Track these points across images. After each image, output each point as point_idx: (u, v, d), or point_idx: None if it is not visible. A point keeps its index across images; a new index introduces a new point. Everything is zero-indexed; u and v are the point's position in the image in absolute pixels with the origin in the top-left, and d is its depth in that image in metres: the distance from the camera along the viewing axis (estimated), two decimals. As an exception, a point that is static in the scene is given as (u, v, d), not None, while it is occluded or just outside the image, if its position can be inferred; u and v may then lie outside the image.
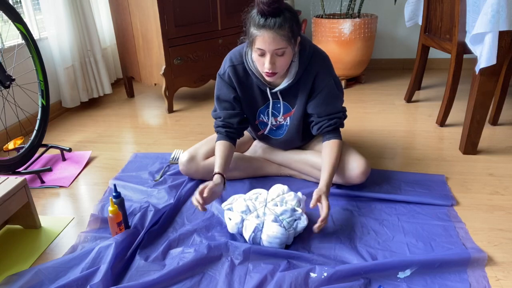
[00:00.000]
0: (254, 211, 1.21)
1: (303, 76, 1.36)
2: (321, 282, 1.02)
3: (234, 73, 1.39)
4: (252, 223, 1.16)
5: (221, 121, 1.42)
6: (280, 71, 1.28)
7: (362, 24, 2.55)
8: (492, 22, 1.43)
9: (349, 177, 1.41)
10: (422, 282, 1.03)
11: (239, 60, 1.39)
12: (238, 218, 1.20)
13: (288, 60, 1.27)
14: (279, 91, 1.38)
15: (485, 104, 1.63)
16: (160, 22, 2.22)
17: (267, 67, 1.24)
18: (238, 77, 1.40)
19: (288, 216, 1.18)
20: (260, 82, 1.37)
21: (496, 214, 1.31)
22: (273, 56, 1.23)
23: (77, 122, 2.37)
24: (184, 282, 1.07)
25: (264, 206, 1.21)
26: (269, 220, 1.16)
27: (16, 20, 1.71)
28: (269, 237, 1.15)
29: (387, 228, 1.25)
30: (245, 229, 1.18)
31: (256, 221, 1.17)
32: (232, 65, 1.39)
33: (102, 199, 1.51)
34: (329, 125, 1.38)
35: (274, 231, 1.14)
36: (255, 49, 1.25)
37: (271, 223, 1.16)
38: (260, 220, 1.17)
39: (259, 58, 1.26)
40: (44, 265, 1.13)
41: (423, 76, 2.52)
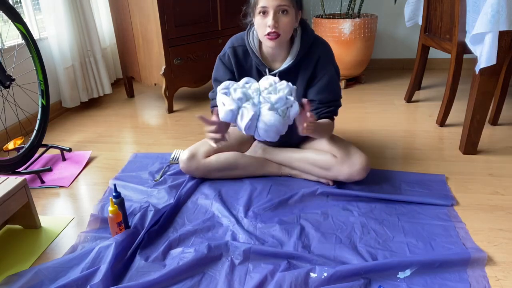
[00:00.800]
0: (250, 99, 1.17)
1: (304, 60, 1.37)
2: (321, 282, 1.02)
3: (233, 54, 1.42)
4: (249, 111, 1.14)
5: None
6: (283, 35, 1.29)
7: (362, 24, 2.55)
8: (492, 22, 1.43)
9: (350, 172, 1.42)
10: (422, 282, 1.03)
11: (240, 42, 1.42)
12: (233, 105, 1.16)
13: (291, 23, 1.28)
14: (278, 73, 1.38)
15: (485, 104, 1.63)
16: (160, 22, 2.22)
17: (270, 24, 1.25)
18: (237, 58, 1.43)
19: (282, 104, 1.16)
20: (260, 62, 1.39)
21: (496, 214, 1.31)
22: (276, 14, 1.25)
23: (77, 122, 2.37)
24: (184, 282, 1.07)
25: (258, 95, 1.18)
26: (265, 108, 1.15)
27: (16, 20, 1.71)
28: (266, 125, 1.14)
29: (387, 228, 1.25)
30: (241, 116, 1.16)
31: (253, 109, 1.15)
32: (232, 46, 1.43)
33: (102, 199, 1.51)
34: (327, 111, 1.41)
35: (271, 119, 1.13)
36: (258, 10, 1.27)
37: (267, 111, 1.14)
38: (257, 108, 1.16)
39: (261, 20, 1.28)
40: (44, 265, 1.13)
41: (423, 76, 2.52)
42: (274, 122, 1.14)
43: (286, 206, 1.40)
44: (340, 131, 2.01)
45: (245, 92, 1.18)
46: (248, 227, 1.29)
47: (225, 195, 1.48)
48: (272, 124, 1.14)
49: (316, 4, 2.97)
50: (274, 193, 1.47)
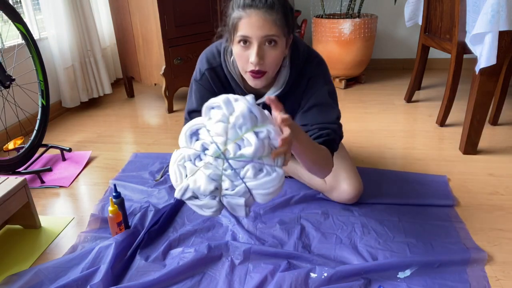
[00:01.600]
0: (225, 179, 0.85)
1: (293, 88, 1.15)
2: (321, 282, 1.02)
3: (215, 77, 1.16)
4: (238, 200, 0.85)
5: None
6: (270, 72, 1.04)
7: (362, 24, 2.55)
8: (492, 22, 1.43)
9: (339, 199, 1.36)
10: (422, 282, 1.03)
11: (218, 60, 1.15)
12: (213, 204, 0.87)
13: (280, 56, 1.03)
14: (262, 104, 1.12)
15: (485, 104, 1.63)
16: (160, 22, 2.22)
17: (254, 61, 0.99)
18: (221, 81, 1.16)
19: (265, 154, 0.83)
20: (240, 89, 1.15)
21: (496, 214, 1.31)
22: (261, 47, 0.99)
23: (77, 122, 2.37)
24: (184, 282, 1.07)
25: (224, 162, 0.84)
26: (250, 178, 0.84)
27: (16, 20, 1.71)
28: (268, 195, 0.86)
29: (388, 228, 1.25)
30: (233, 210, 0.88)
31: (239, 195, 0.85)
32: (211, 67, 1.16)
33: (102, 199, 1.51)
34: (320, 135, 1.08)
35: (269, 186, 0.84)
36: (238, 39, 1.00)
37: (256, 181, 0.84)
38: (241, 188, 0.85)
39: (242, 52, 1.01)
40: (44, 265, 1.13)
41: (423, 76, 2.52)
42: (273, 187, 0.85)
43: (287, 206, 1.39)
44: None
45: (211, 175, 0.84)
46: (248, 227, 1.29)
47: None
48: (273, 190, 0.85)
49: (316, 4, 2.97)
50: (274, 193, 1.47)
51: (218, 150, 0.84)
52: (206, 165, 0.85)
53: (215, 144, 0.84)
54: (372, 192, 1.43)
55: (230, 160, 0.84)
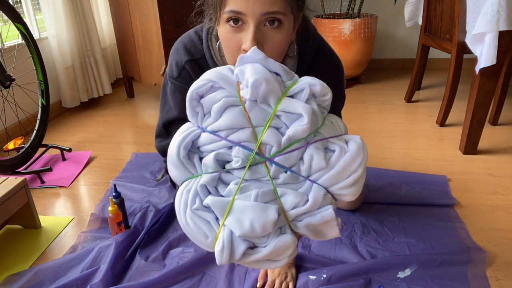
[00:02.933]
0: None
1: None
2: (321, 283, 1.02)
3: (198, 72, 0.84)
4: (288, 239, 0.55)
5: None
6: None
7: (362, 24, 2.55)
8: (492, 22, 1.43)
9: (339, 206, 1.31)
10: (422, 282, 1.03)
11: (200, 49, 0.87)
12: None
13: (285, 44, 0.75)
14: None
15: (485, 104, 1.63)
16: (160, 22, 2.22)
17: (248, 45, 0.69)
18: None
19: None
20: None
21: (496, 214, 1.31)
22: (259, 29, 0.70)
23: (77, 122, 2.37)
24: (184, 282, 1.07)
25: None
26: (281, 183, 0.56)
27: (16, 20, 1.71)
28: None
29: (388, 228, 1.25)
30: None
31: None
32: (192, 59, 0.88)
33: (102, 199, 1.51)
34: None
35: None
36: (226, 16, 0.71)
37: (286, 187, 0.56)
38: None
39: (231, 35, 0.72)
40: (44, 265, 1.13)
41: (423, 76, 2.52)
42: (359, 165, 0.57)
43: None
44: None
45: (263, 196, 0.53)
46: (248, 227, 1.29)
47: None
48: (359, 174, 0.57)
49: (316, 4, 2.97)
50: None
51: (250, 152, 0.53)
52: (242, 185, 0.53)
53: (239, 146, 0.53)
54: (372, 192, 1.43)
55: (276, 158, 0.53)
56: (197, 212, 0.53)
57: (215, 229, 0.52)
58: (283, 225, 0.52)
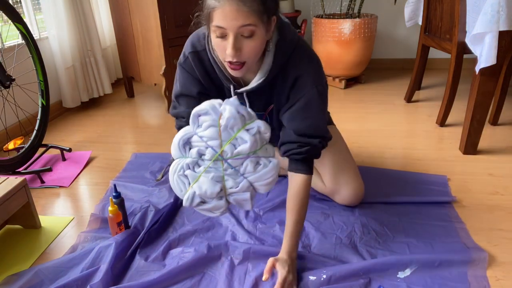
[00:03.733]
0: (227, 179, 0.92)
1: (279, 78, 1.06)
2: (321, 283, 1.02)
3: (198, 61, 1.09)
4: (244, 195, 0.93)
5: (186, 123, 1.05)
6: (249, 62, 0.97)
7: (362, 24, 2.55)
8: (492, 22, 1.43)
9: (340, 201, 1.35)
10: (422, 282, 1.03)
11: (203, 44, 1.08)
12: (220, 204, 0.93)
13: (259, 46, 0.96)
14: (245, 92, 1.08)
15: (485, 104, 1.63)
16: (160, 22, 2.22)
17: (230, 54, 0.93)
18: (204, 66, 1.10)
19: (257, 146, 0.91)
20: (223, 76, 1.07)
21: (496, 214, 1.31)
22: (237, 38, 0.92)
23: (77, 122, 2.37)
24: (184, 282, 1.07)
25: (223, 162, 0.91)
26: (250, 172, 0.91)
27: (16, 20, 1.71)
28: (269, 184, 0.94)
29: (388, 228, 1.25)
30: (240, 205, 0.96)
31: (243, 190, 0.92)
32: (195, 51, 1.09)
33: (103, 199, 1.51)
34: (299, 152, 1.06)
35: (268, 176, 0.92)
36: (214, 29, 0.93)
37: (255, 175, 0.92)
38: (244, 183, 0.92)
39: (219, 42, 0.95)
40: (44, 265, 1.13)
41: (423, 76, 2.52)
42: (271, 175, 0.92)
43: (286, 206, 1.39)
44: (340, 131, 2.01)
45: (214, 177, 0.90)
46: (248, 227, 1.29)
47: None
48: (272, 178, 0.93)
49: (316, 4, 2.97)
50: (274, 193, 1.47)
51: (215, 153, 0.90)
52: (207, 169, 0.91)
53: (211, 148, 0.90)
54: (372, 192, 1.43)
55: (228, 160, 0.91)
56: (179, 177, 0.92)
57: (187, 188, 0.92)
58: (222, 195, 0.93)
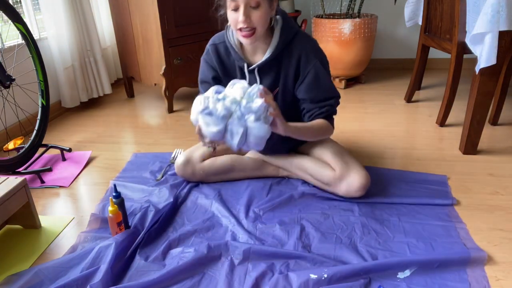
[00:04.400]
0: (233, 114, 1.14)
1: (285, 53, 1.32)
2: (321, 282, 1.02)
3: (215, 51, 1.40)
4: (238, 129, 1.12)
5: None
6: (258, 30, 1.23)
7: (362, 24, 2.55)
8: (492, 22, 1.43)
9: (348, 190, 1.37)
10: (422, 282, 1.03)
11: (221, 39, 1.39)
12: (219, 125, 1.13)
13: (264, 16, 1.22)
14: (257, 68, 1.34)
15: (485, 104, 1.63)
16: (160, 22, 2.22)
17: (241, 20, 1.19)
18: (219, 55, 1.40)
19: (263, 111, 1.13)
20: (238, 57, 1.35)
21: (496, 214, 1.31)
22: (247, 8, 1.19)
23: (77, 122, 2.37)
24: (184, 282, 1.07)
25: (239, 107, 1.14)
26: (251, 120, 1.12)
27: (16, 20, 1.71)
28: (257, 138, 1.13)
29: (388, 228, 1.25)
30: (231, 135, 1.14)
31: (241, 126, 1.13)
32: (214, 44, 1.41)
33: (103, 198, 1.51)
34: (321, 113, 1.34)
35: (260, 131, 1.13)
36: (229, 4, 1.21)
37: (254, 123, 1.12)
38: (243, 122, 1.13)
39: (233, 15, 1.22)
40: (44, 265, 1.13)
41: (423, 76, 2.52)
42: (263, 133, 1.13)
43: (287, 206, 1.39)
44: (340, 131, 2.01)
45: (227, 107, 1.14)
46: (248, 227, 1.29)
47: (225, 195, 1.47)
48: (262, 135, 1.14)
49: (316, 4, 2.97)
50: (274, 193, 1.47)
51: (236, 99, 1.14)
52: (224, 103, 1.13)
53: (234, 97, 1.14)
54: (372, 192, 1.43)
55: (241, 107, 1.13)
56: (204, 98, 1.16)
57: (205, 104, 1.16)
58: (225, 121, 1.15)
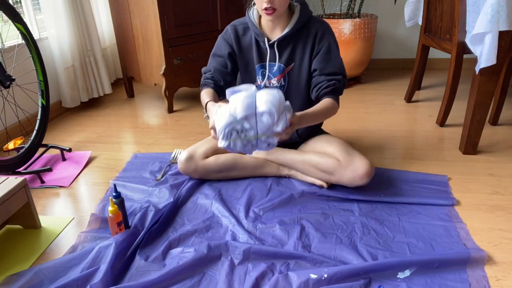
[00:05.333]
0: (249, 143, 1.15)
1: (302, 31, 1.43)
2: (321, 282, 1.02)
3: (234, 31, 1.49)
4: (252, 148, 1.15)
5: (211, 74, 1.47)
6: (278, 8, 1.33)
7: (362, 24, 2.55)
8: (492, 22, 1.43)
9: (353, 177, 1.38)
10: (422, 282, 1.03)
11: (241, 21, 1.50)
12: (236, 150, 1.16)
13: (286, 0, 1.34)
14: (277, 42, 1.43)
15: (485, 104, 1.63)
16: (160, 22, 2.22)
17: (266, 0, 1.30)
18: (237, 35, 1.49)
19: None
20: (259, 32, 1.44)
21: (496, 214, 1.31)
22: None
23: (77, 122, 2.37)
24: (184, 282, 1.07)
25: (255, 140, 1.15)
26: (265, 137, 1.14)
27: (16, 20, 1.71)
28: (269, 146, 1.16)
29: (388, 228, 1.25)
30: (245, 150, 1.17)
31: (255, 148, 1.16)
32: (233, 24, 1.50)
33: (103, 198, 1.51)
34: (328, 86, 1.39)
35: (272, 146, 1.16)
36: None
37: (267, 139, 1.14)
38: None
39: None
40: (44, 265, 1.13)
41: (423, 76, 2.52)
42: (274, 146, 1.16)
43: (287, 206, 1.40)
44: (341, 131, 2.01)
45: (245, 142, 1.14)
46: (248, 227, 1.29)
47: (225, 195, 1.47)
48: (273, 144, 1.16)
49: (316, 4, 2.97)
50: (274, 193, 1.47)
51: (255, 136, 1.13)
52: (243, 139, 1.13)
53: (254, 134, 1.12)
54: (372, 192, 1.43)
55: (259, 141, 1.14)
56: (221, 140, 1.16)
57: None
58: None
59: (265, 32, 1.46)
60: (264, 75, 1.49)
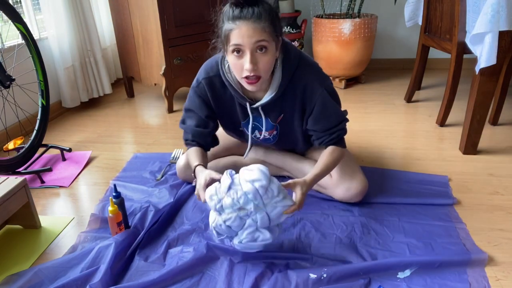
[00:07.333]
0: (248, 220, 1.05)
1: (288, 89, 1.21)
2: (320, 282, 1.02)
3: (209, 86, 1.24)
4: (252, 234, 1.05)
5: (191, 138, 1.30)
6: (264, 75, 1.11)
7: (362, 24, 2.55)
8: (492, 22, 1.43)
9: (344, 196, 1.35)
10: (422, 282, 1.03)
11: (215, 70, 1.23)
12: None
13: (271, 61, 1.10)
14: (260, 106, 1.22)
15: (485, 104, 1.63)
16: (160, 22, 2.22)
17: (248, 68, 1.06)
18: (214, 91, 1.26)
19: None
20: (239, 95, 1.22)
21: (496, 214, 1.31)
22: (253, 54, 1.05)
23: (77, 122, 2.37)
24: (184, 282, 1.07)
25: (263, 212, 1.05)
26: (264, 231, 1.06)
27: (16, 20, 1.71)
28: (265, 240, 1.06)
29: (388, 228, 1.25)
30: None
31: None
32: (208, 76, 1.24)
33: (103, 198, 1.51)
34: (332, 139, 1.24)
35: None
36: (231, 48, 1.07)
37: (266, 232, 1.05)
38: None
39: (236, 60, 1.08)
40: (44, 265, 1.13)
41: (423, 76, 2.52)
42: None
43: (286, 206, 1.39)
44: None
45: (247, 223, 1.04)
46: (248, 227, 1.29)
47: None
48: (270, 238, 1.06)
49: (316, 4, 2.97)
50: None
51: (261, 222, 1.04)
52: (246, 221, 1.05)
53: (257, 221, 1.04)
54: (372, 192, 1.43)
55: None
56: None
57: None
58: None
59: (246, 91, 1.21)
60: (253, 129, 1.33)
